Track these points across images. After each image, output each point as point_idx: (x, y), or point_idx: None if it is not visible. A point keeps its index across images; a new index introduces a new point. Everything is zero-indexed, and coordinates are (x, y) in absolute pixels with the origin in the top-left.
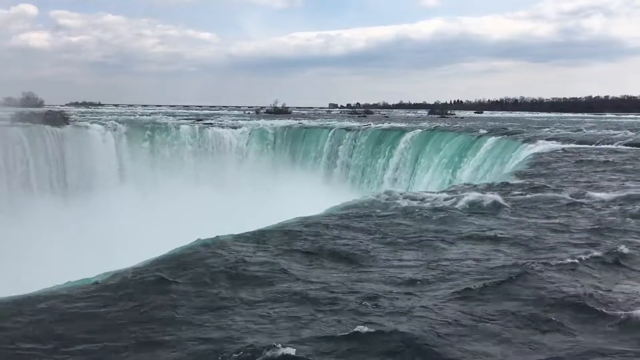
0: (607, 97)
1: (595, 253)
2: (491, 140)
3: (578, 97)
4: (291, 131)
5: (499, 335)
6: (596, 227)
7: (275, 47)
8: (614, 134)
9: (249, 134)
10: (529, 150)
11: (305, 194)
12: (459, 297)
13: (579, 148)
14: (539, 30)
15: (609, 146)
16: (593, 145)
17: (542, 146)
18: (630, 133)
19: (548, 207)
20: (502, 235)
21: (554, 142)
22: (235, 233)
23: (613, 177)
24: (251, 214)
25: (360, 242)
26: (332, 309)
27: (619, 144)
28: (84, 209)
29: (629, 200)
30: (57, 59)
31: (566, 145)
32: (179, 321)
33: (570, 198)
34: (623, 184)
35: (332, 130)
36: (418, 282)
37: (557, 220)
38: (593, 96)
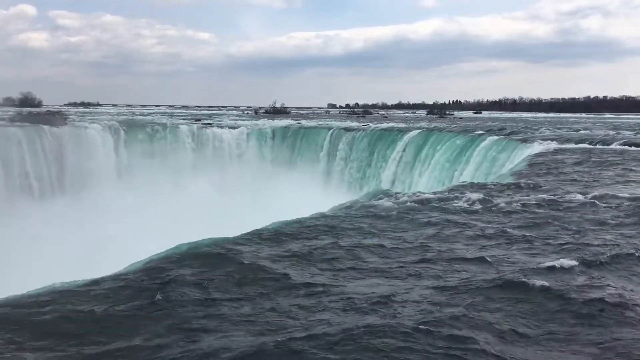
0: (605, 97)
1: (589, 253)
2: (489, 140)
3: (576, 97)
4: (290, 131)
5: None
6: (589, 228)
7: (274, 47)
8: (611, 135)
9: (248, 134)
10: (527, 151)
11: (304, 194)
12: (455, 294)
13: (577, 148)
14: (537, 30)
15: (607, 147)
16: (591, 145)
17: (540, 146)
18: (627, 133)
19: (545, 207)
20: (500, 236)
21: (552, 142)
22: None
23: (609, 177)
24: (250, 214)
25: (357, 242)
26: (321, 308)
27: (617, 143)
28: (82, 208)
29: (618, 198)
30: (56, 59)
31: (563, 146)
32: (176, 321)
33: (565, 198)
34: (617, 184)
35: (331, 131)
36: (408, 281)
37: (552, 221)
38: (591, 96)
